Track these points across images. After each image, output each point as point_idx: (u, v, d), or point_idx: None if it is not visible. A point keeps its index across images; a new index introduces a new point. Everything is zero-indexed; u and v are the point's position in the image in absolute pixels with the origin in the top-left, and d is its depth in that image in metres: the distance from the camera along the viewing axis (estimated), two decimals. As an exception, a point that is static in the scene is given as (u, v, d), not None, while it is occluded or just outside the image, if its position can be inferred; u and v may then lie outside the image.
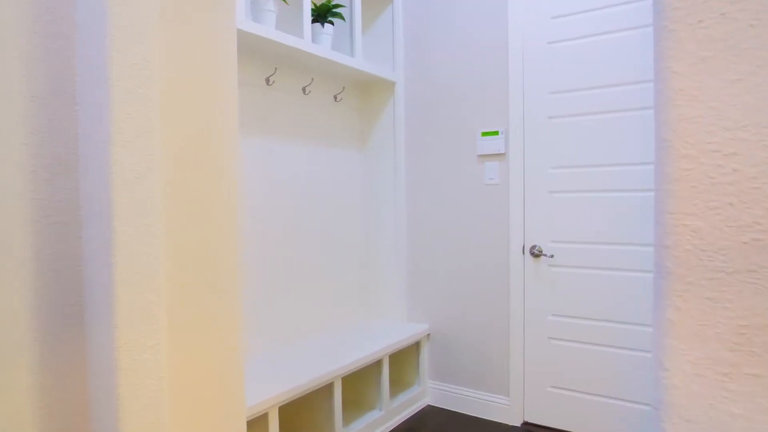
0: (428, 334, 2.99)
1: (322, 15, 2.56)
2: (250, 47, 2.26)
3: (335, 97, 2.88)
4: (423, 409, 2.92)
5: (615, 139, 2.40)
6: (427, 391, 2.99)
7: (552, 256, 2.57)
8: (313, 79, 2.71)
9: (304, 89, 2.66)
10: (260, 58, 2.41)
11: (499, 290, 2.74)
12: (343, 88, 2.88)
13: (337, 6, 2.59)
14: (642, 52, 2.33)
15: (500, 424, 2.71)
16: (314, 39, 2.54)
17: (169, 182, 1.11)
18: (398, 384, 3.04)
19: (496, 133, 2.72)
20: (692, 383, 0.67)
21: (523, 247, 2.66)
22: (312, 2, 2.55)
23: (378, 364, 2.62)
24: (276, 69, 2.45)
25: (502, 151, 2.70)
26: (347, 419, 2.53)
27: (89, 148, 1.03)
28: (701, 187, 0.66)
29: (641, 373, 2.37)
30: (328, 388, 2.27)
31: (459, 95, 2.84)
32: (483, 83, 2.76)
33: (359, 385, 2.74)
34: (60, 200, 1.05)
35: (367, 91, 3.12)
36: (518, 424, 2.67)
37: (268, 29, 2.15)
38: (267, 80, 2.44)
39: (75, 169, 1.07)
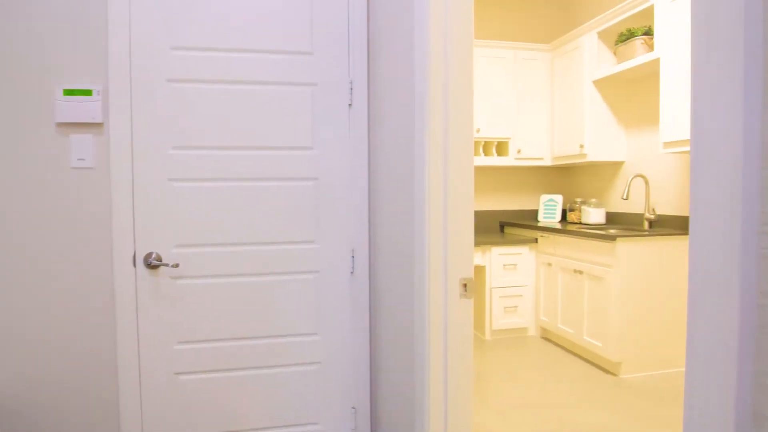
0: (-28, 407, 1.84)
1: None
2: None
3: None
4: None
5: (254, 115, 1.96)
6: (-27, 499, 1.85)
7: (177, 266, 1.93)
8: None
9: None
10: None
11: (99, 320, 1.90)
12: None
13: None
14: (291, 16, 1.96)
15: None
16: None
17: None
18: None
19: (88, 92, 1.85)
20: None
21: (134, 256, 1.91)
22: None
23: None
24: None
25: (99, 120, 1.86)
26: None
27: None
28: None
29: (290, 391, 2.04)
30: None
31: (22, 22, 1.81)
32: (67, 10, 1.83)
33: None
34: None
35: None
36: (134, 500, 1.92)
37: None
38: None
39: None
